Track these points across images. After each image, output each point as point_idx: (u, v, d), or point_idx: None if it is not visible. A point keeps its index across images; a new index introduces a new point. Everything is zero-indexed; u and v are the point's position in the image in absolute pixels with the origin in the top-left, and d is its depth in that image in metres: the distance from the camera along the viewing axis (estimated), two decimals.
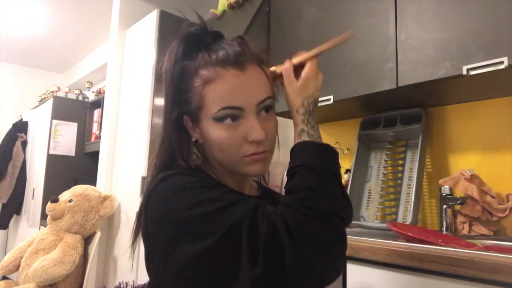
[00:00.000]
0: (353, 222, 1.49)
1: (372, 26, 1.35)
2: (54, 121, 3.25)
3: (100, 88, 3.40)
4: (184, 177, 0.58)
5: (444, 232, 1.27)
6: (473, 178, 1.26)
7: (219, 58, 0.60)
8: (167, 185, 0.58)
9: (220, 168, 0.66)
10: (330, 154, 0.59)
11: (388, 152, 1.54)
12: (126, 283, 1.93)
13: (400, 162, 1.51)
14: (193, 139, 0.65)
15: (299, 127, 0.62)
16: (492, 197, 1.23)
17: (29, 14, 3.12)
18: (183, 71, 0.62)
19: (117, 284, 1.98)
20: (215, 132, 0.60)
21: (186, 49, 0.62)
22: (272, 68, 0.67)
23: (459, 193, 1.30)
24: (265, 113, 0.62)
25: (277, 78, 0.67)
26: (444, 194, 1.30)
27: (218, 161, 0.64)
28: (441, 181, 1.30)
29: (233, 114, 0.59)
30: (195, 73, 0.61)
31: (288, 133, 0.93)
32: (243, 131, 0.59)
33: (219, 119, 0.59)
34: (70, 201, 2.14)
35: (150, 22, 2.28)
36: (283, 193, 0.75)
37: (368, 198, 1.57)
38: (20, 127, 3.70)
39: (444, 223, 1.29)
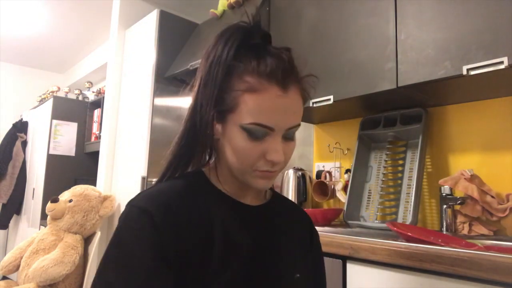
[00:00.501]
0: (353, 222, 1.49)
1: (372, 26, 1.35)
2: (54, 121, 3.25)
3: (100, 88, 3.40)
4: (132, 232, 0.56)
5: (444, 232, 1.27)
6: (473, 178, 1.26)
7: (267, 71, 0.57)
8: (126, 216, 0.58)
9: (225, 171, 0.65)
10: None
11: (388, 152, 1.54)
12: None
13: (400, 162, 1.51)
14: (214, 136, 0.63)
15: None
16: (492, 197, 1.23)
17: (29, 14, 3.12)
18: (228, 70, 0.59)
19: None
20: (238, 139, 0.59)
21: (236, 46, 0.60)
22: None
23: (459, 193, 1.30)
24: (289, 137, 0.61)
25: None
26: (444, 194, 1.30)
27: (227, 162, 0.63)
28: (441, 181, 1.30)
29: (262, 133, 0.58)
30: (239, 77, 0.58)
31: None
32: (265, 148, 0.59)
33: (247, 131, 0.58)
34: (70, 201, 2.13)
35: (150, 22, 2.28)
36: (283, 193, 0.74)
37: (368, 198, 1.57)
38: (20, 127, 3.70)
39: (444, 223, 1.29)
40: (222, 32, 0.61)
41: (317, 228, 0.79)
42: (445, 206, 1.30)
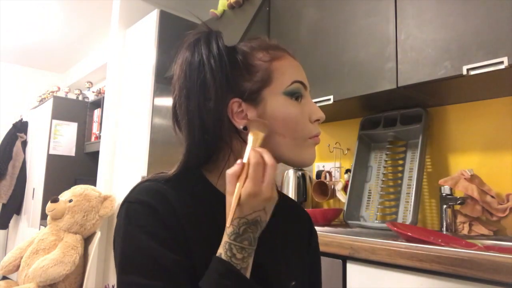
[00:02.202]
0: (353, 222, 1.49)
1: (372, 26, 1.35)
2: (54, 121, 3.25)
3: (100, 88, 3.40)
4: (143, 217, 0.54)
5: (444, 232, 1.27)
6: (473, 178, 1.26)
7: (275, 44, 0.63)
8: (128, 213, 0.55)
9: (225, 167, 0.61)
10: None
11: (388, 152, 1.54)
12: None
13: (400, 162, 1.51)
14: (241, 127, 0.58)
15: (220, 249, 0.51)
16: (492, 197, 1.23)
17: (29, 14, 3.12)
18: (236, 51, 0.61)
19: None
20: (285, 108, 0.58)
21: (218, 39, 0.60)
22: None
23: (459, 193, 1.30)
24: None
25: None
26: (444, 194, 1.30)
27: (276, 143, 0.58)
28: (441, 181, 1.30)
29: (301, 92, 0.60)
30: (257, 51, 0.61)
31: None
32: (307, 111, 0.60)
33: (291, 93, 0.59)
34: (70, 201, 2.13)
35: (150, 22, 2.28)
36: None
37: (368, 198, 1.57)
38: (20, 127, 3.70)
39: (444, 223, 1.29)
40: (190, 37, 0.63)
41: (317, 228, 0.79)
42: (445, 206, 1.30)
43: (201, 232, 0.56)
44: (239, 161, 0.51)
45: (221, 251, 0.51)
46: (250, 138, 0.55)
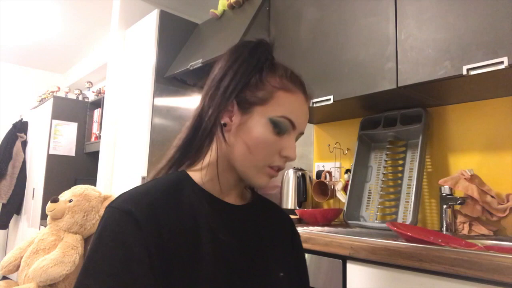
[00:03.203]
0: (353, 222, 1.49)
1: (372, 26, 1.35)
2: (54, 121, 3.25)
3: (100, 88, 3.40)
4: (116, 228, 0.54)
5: (444, 232, 1.27)
6: (473, 178, 1.26)
7: (297, 79, 0.66)
8: (107, 218, 0.55)
9: (211, 169, 0.64)
10: None
11: (388, 152, 1.54)
12: None
13: (400, 162, 1.51)
14: (222, 122, 0.63)
15: None
16: (492, 197, 1.23)
17: (29, 14, 3.12)
18: (259, 67, 0.64)
19: None
20: (261, 131, 0.62)
21: (265, 52, 0.66)
22: None
23: (459, 193, 1.30)
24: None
25: None
26: (444, 194, 1.30)
27: (234, 154, 0.63)
28: (441, 181, 1.30)
29: (286, 129, 0.63)
30: (272, 76, 0.64)
31: None
32: (282, 145, 0.63)
33: (275, 124, 0.62)
34: (70, 201, 2.13)
35: (150, 22, 2.28)
36: (283, 194, 0.74)
37: (368, 198, 1.57)
38: (20, 127, 3.70)
39: (444, 223, 1.29)
40: (249, 41, 0.67)
41: (317, 228, 0.80)
42: (445, 206, 1.30)
43: (184, 243, 0.56)
44: None
45: None
46: None
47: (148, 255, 0.52)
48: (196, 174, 0.65)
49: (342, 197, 1.63)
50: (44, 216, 2.62)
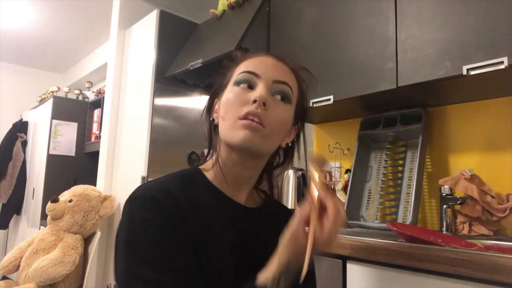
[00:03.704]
0: (353, 222, 1.49)
1: (372, 26, 1.34)
2: (54, 121, 3.25)
3: (100, 88, 3.40)
4: (148, 211, 0.56)
5: (444, 232, 1.27)
6: (473, 178, 1.26)
7: (259, 52, 0.69)
8: (132, 209, 0.57)
9: (220, 163, 0.66)
10: None
11: (388, 152, 1.54)
12: None
13: (400, 162, 1.51)
14: (211, 119, 0.70)
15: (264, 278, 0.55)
16: (492, 197, 1.23)
17: (29, 14, 3.12)
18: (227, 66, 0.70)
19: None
20: (227, 94, 0.65)
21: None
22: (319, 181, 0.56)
23: (459, 193, 1.30)
24: (279, 98, 0.64)
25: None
26: (444, 194, 1.30)
27: (221, 133, 0.65)
28: (441, 181, 1.30)
29: (250, 79, 0.63)
30: (236, 64, 0.69)
31: None
32: (251, 95, 0.62)
33: (237, 82, 0.64)
34: (70, 201, 2.14)
35: (150, 22, 2.28)
36: (283, 194, 0.75)
37: (368, 198, 1.57)
38: (20, 127, 3.70)
39: (444, 223, 1.29)
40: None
41: None
42: (445, 206, 1.30)
43: (203, 224, 0.59)
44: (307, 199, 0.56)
45: (267, 281, 0.53)
46: (315, 175, 0.57)
47: (181, 233, 0.55)
48: (209, 172, 0.67)
49: (342, 197, 1.63)
50: (44, 216, 2.62)
